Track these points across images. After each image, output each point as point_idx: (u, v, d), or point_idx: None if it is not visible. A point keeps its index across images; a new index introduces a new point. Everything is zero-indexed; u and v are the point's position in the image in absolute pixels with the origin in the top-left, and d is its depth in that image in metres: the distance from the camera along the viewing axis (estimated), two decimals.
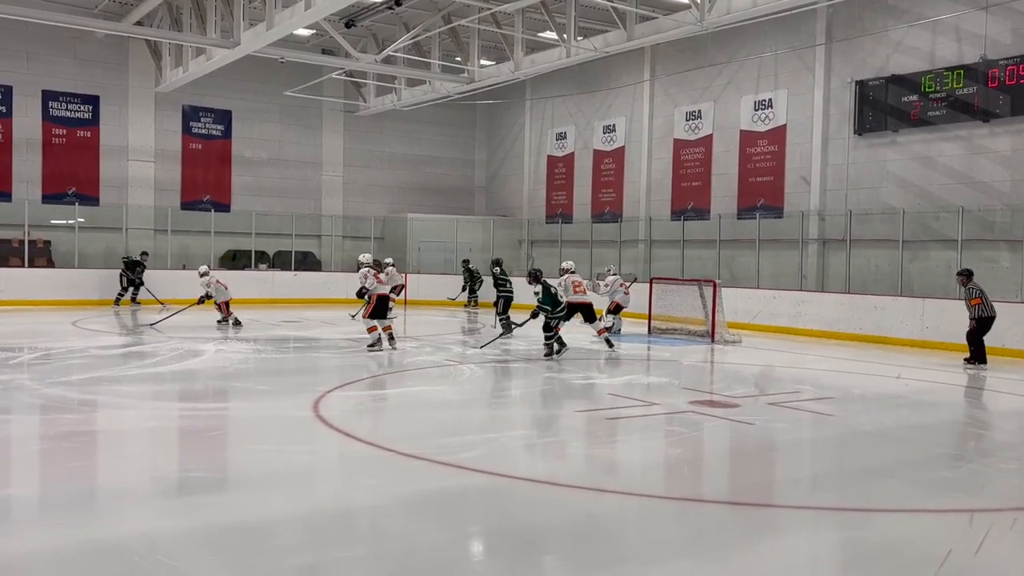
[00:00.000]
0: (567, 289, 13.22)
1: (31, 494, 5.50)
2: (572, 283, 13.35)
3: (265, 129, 24.90)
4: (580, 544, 4.66)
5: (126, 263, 20.23)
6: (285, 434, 7.37)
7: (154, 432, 7.33)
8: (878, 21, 17.32)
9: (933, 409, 9.43)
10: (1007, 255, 15.34)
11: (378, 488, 5.65)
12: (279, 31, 16.75)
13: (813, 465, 6.99)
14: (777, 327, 16.92)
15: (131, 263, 20.22)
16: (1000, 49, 15.39)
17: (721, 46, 20.09)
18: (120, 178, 22.87)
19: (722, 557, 4.54)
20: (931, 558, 4.45)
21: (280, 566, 4.22)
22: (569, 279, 13.45)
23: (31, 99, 21.65)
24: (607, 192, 23.76)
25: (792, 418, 8.41)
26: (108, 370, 10.38)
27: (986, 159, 15.79)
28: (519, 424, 8.26)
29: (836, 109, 18.13)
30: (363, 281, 12.53)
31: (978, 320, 12.28)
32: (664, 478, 6.41)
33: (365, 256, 13.55)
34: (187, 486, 5.70)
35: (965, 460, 6.91)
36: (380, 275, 13.23)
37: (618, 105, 23.40)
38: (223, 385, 9.91)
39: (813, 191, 18.47)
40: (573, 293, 13.19)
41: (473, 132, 28.63)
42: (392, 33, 21.56)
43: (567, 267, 14.08)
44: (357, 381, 9.95)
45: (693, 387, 10.22)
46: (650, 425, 8.05)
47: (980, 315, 12.24)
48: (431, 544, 4.60)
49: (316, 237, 25.65)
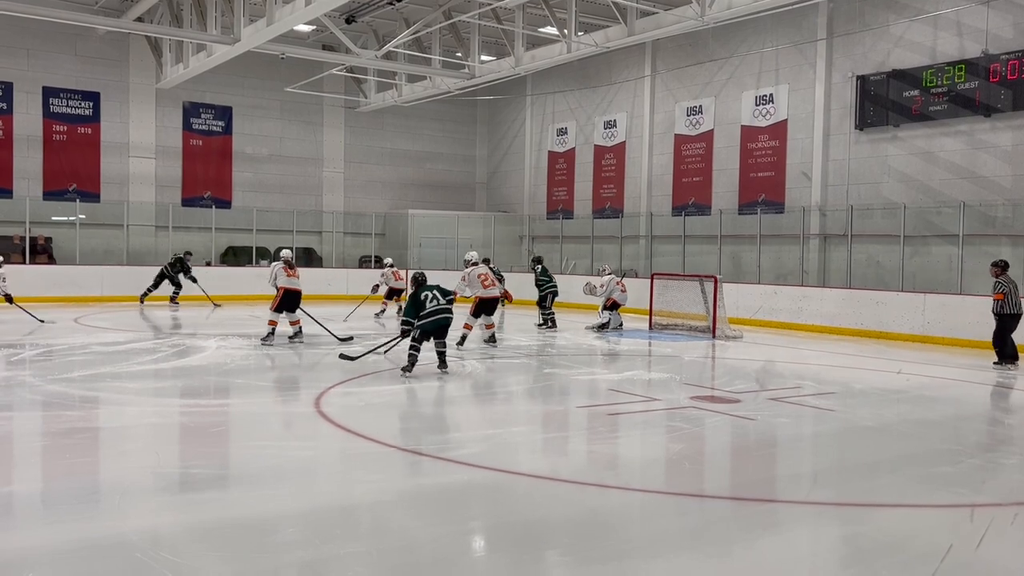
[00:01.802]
0: (472, 283, 12.68)
1: (33, 490, 5.50)
2: (479, 276, 12.74)
3: (266, 125, 24.90)
4: (582, 539, 4.66)
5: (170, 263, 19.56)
6: (287, 430, 7.38)
7: (156, 428, 7.34)
8: (879, 16, 17.30)
9: (934, 404, 9.43)
10: (1008, 250, 15.31)
11: (379, 484, 5.66)
12: (279, 27, 16.74)
13: (814, 460, 6.99)
14: (778, 323, 16.92)
15: (173, 262, 19.55)
16: (1001, 44, 15.36)
17: (722, 41, 20.07)
18: (121, 175, 22.88)
19: (724, 552, 4.54)
20: (932, 553, 4.45)
21: (282, 561, 4.23)
22: (474, 272, 12.80)
23: (32, 96, 21.65)
24: (608, 188, 23.75)
25: (793, 413, 8.42)
26: (110, 366, 10.39)
27: (987, 154, 15.77)
28: (520, 420, 8.26)
29: (837, 104, 18.10)
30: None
31: (999, 317, 11.71)
32: (665, 473, 6.41)
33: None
34: (189, 482, 5.71)
35: (966, 455, 6.91)
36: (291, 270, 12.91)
37: (619, 101, 23.37)
38: (224, 381, 9.91)
39: (814, 186, 18.46)
40: (482, 288, 12.68)
41: (474, 128, 28.62)
42: (392, 29, 21.54)
43: (471, 259, 13.24)
44: (358, 377, 9.95)
45: (694, 383, 10.22)
46: (651, 421, 8.05)
47: (1000, 311, 11.66)
48: (432, 539, 4.60)
49: (317, 233, 25.66)
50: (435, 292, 9.96)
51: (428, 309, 9.84)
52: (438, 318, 9.91)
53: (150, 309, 18.53)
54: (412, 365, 9.83)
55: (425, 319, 9.83)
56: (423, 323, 9.84)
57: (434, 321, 9.89)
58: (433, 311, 9.86)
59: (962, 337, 14.12)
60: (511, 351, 12.80)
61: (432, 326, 9.91)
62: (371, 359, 10.89)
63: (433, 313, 9.87)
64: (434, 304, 9.88)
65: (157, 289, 19.19)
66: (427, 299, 9.88)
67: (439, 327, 9.98)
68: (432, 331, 9.96)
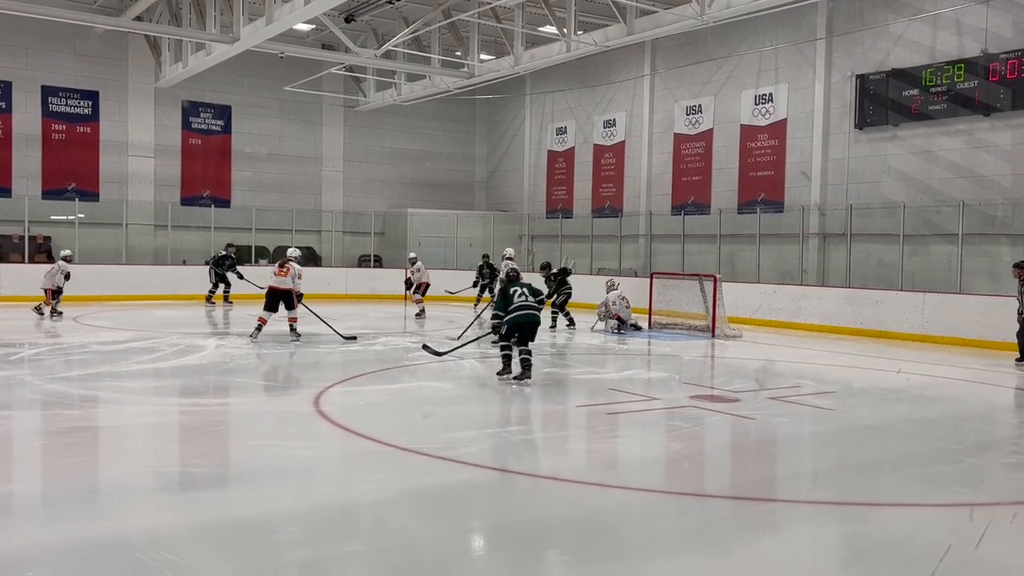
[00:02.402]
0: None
1: (32, 490, 5.50)
2: None
3: (265, 124, 24.89)
4: (582, 538, 4.66)
5: (214, 260, 19.47)
6: (286, 429, 7.38)
7: (155, 428, 7.33)
8: (879, 15, 17.30)
9: (934, 403, 9.43)
10: (1008, 249, 15.32)
11: (379, 483, 5.66)
12: (278, 26, 16.74)
13: (814, 460, 6.99)
14: (778, 322, 16.92)
15: (217, 259, 19.41)
16: (1001, 43, 15.36)
17: (721, 40, 20.07)
18: (120, 174, 22.87)
19: (723, 551, 4.54)
20: (932, 552, 4.44)
21: (281, 561, 4.22)
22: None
23: (31, 95, 21.63)
24: (607, 187, 23.75)
25: (793, 413, 8.41)
26: (109, 366, 10.38)
27: (987, 153, 15.77)
28: (520, 419, 8.26)
29: (837, 103, 18.10)
30: None
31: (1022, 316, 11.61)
32: (665, 473, 6.41)
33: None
34: (188, 481, 5.70)
35: (965, 455, 6.91)
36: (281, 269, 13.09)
37: (618, 100, 23.37)
38: (224, 381, 9.90)
39: (814, 185, 18.46)
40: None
41: (473, 127, 28.61)
42: (392, 28, 21.53)
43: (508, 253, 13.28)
44: (358, 376, 9.95)
45: (694, 382, 10.22)
46: (651, 420, 8.05)
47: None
48: (432, 539, 4.60)
49: (316, 232, 25.64)
50: (525, 290, 9.77)
51: (515, 303, 9.63)
52: (526, 313, 9.58)
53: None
54: (507, 366, 9.56)
55: (512, 313, 9.59)
56: (510, 317, 9.56)
57: (522, 315, 9.56)
58: (521, 306, 9.60)
59: (962, 336, 14.13)
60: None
61: (519, 319, 9.55)
62: (371, 358, 10.88)
63: (520, 308, 9.59)
64: (522, 299, 9.67)
65: (218, 288, 19.19)
66: (515, 294, 9.69)
67: (525, 323, 9.60)
68: (518, 327, 9.58)
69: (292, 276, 12.88)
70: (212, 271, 19.30)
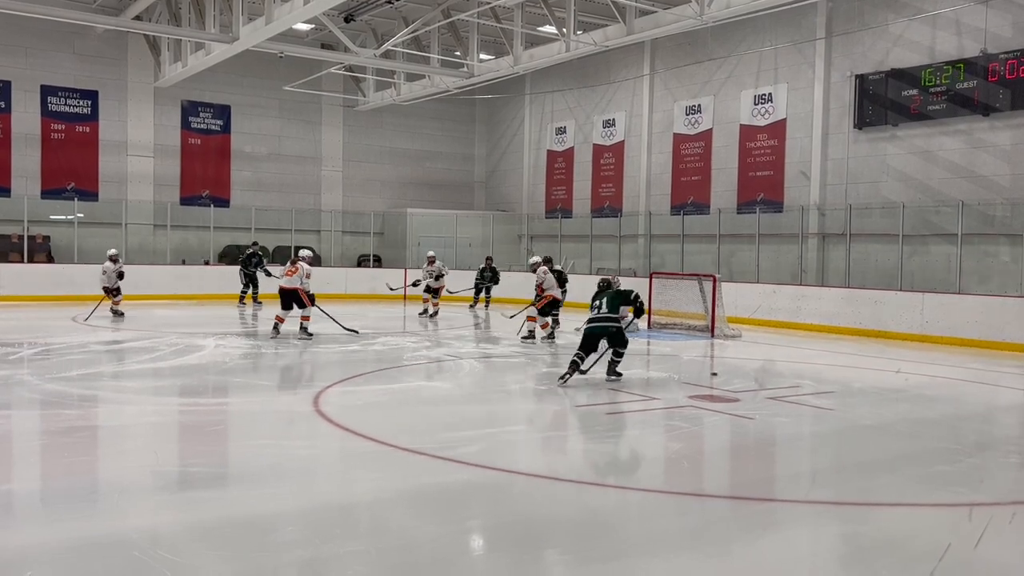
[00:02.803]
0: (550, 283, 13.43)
1: (32, 489, 5.49)
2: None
3: (264, 124, 24.88)
4: (581, 538, 4.66)
5: (241, 260, 19.41)
6: (285, 429, 7.38)
7: (155, 427, 7.33)
8: (878, 15, 17.30)
9: (933, 403, 9.43)
10: (1007, 249, 15.34)
11: (378, 483, 5.66)
12: (278, 26, 16.73)
13: (813, 459, 6.99)
14: (777, 322, 16.92)
15: (245, 259, 19.32)
16: (1000, 43, 15.37)
17: (721, 40, 20.07)
18: (119, 173, 22.86)
19: (723, 551, 4.54)
20: (931, 552, 4.45)
21: (281, 560, 4.23)
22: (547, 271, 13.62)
23: (30, 94, 21.62)
24: (607, 187, 23.75)
25: (792, 412, 8.42)
26: (108, 365, 10.38)
27: (986, 153, 15.78)
28: (519, 419, 8.26)
29: (836, 103, 18.11)
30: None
31: None
32: (664, 473, 6.41)
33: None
34: (188, 481, 5.70)
35: (964, 454, 6.91)
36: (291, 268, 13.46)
37: (618, 100, 23.37)
38: (223, 380, 9.90)
39: (813, 185, 18.47)
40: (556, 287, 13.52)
41: (472, 127, 28.61)
42: (391, 28, 21.53)
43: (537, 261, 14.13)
44: (357, 376, 9.95)
45: (693, 382, 10.22)
46: (650, 420, 8.05)
47: None
48: (432, 539, 4.60)
49: (316, 232, 25.64)
50: (603, 301, 9.69)
51: (589, 316, 9.74)
52: (592, 326, 9.55)
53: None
54: (569, 374, 9.34)
55: (585, 325, 9.70)
56: (584, 328, 9.69)
57: (588, 328, 9.57)
58: (592, 318, 9.64)
59: (961, 336, 14.13)
60: (511, 351, 12.80)
61: (589, 331, 9.53)
62: (370, 358, 10.88)
63: (591, 321, 9.62)
64: (594, 312, 9.68)
65: (249, 289, 19.18)
66: (591, 307, 9.85)
67: (589, 336, 9.51)
68: (586, 339, 9.51)
69: (300, 276, 13.09)
70: (241, 272, 19.30)
